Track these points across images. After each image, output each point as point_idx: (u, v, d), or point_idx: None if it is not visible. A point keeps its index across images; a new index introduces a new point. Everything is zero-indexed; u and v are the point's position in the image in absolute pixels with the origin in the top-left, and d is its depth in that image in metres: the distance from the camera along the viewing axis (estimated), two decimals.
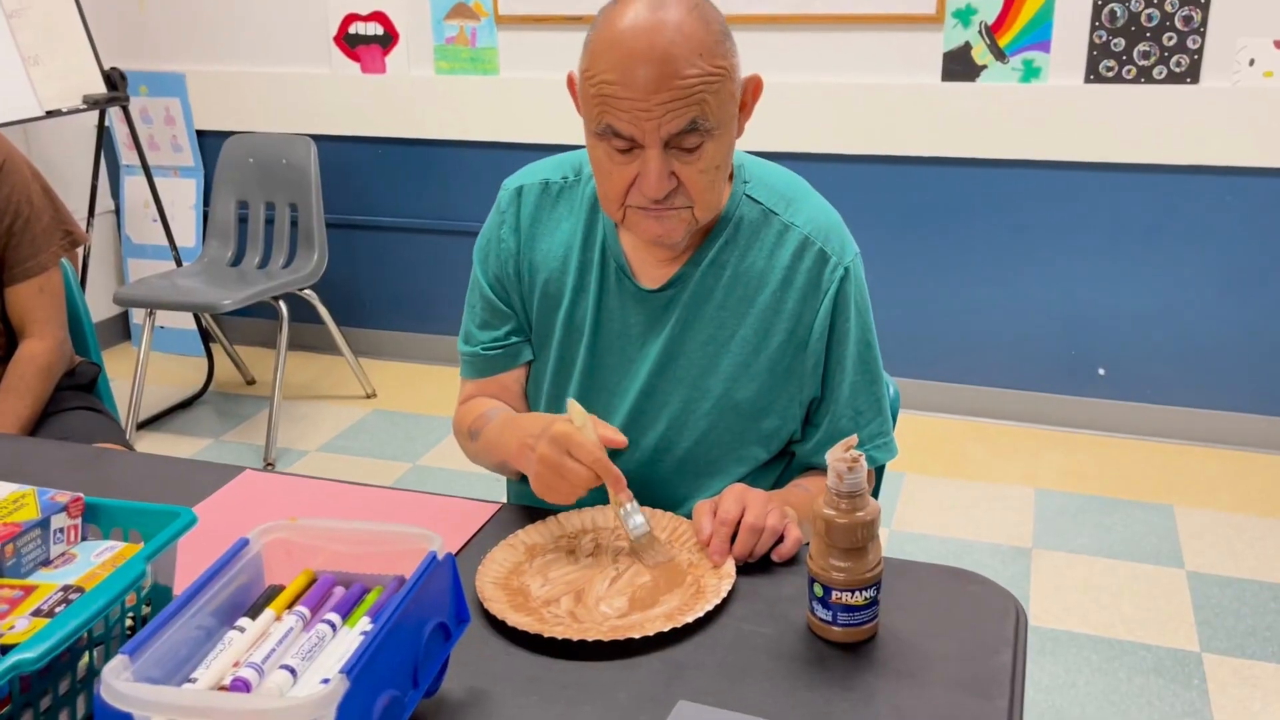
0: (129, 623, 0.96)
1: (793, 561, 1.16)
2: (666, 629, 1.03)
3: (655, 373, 1.32)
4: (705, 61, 1.13)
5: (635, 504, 1.17)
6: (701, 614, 1.05)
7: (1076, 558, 2.63)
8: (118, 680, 0.78)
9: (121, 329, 4.21)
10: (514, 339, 1.39)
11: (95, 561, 1.01)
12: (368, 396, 3.66)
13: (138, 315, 4.08)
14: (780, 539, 1.16)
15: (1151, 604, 2.44)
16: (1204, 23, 2.88)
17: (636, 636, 1.02)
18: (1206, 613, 2.41)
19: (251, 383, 3.83)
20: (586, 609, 1.09)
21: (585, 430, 1.15)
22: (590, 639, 1.02)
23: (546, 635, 1.02)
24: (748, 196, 1.31)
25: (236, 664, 0.86)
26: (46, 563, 1.01)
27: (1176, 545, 2.68)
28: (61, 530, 1.03)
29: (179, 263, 3.67)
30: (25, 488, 1.05)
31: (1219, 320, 3.11)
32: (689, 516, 1.22)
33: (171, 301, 3.29)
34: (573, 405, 1.18)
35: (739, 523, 1.15)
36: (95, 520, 1.06)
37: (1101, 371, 3.25)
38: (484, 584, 1.10)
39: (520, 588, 1.12)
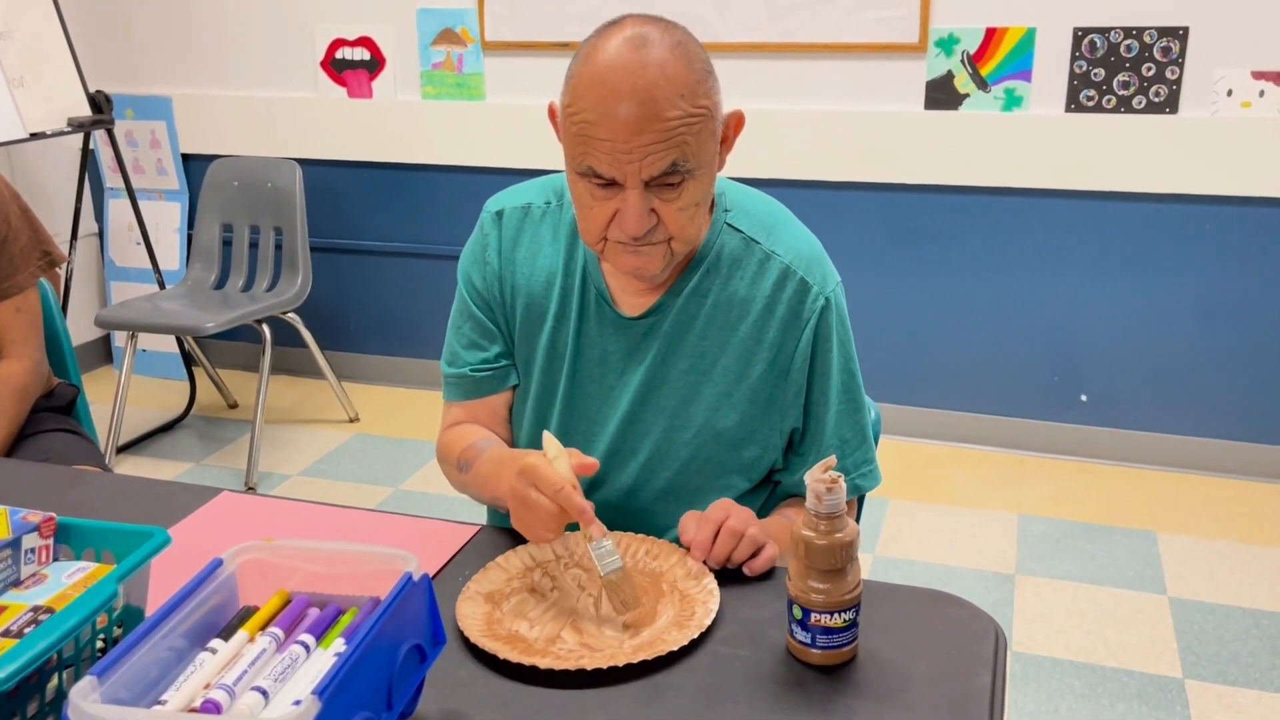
0: (100, 644, 0.95)
1: (772, 584, 1.16)
2: (695, 635, 1.03)
3: (637, 402, 1.32)
4: (687, 102, 1.12)
5: (609, 540, 1.10)
6: (715, 611, 1.07)
7: (1059, 583, 2.63)
8: (85, 701, 0.76)
9: (103, 352, 4.19)
10: (503, 361, 1.38)
11: (67, 582, 0.99)
12: (351, 420, 3.64)
13: (119, 338, 4.06)
14: (757, 552, 1.17)
15: (1134, 630, 2.44)
16: (1182, 54, 2.91)
17: (675, 648, 1.02)
18: (1189, 638, 2.41)
19: (234, 406, 3.81)
20: (595, 637, 1.07)
21: (558, 463, 1.11)
22: (636, 660, 1.00)
23: (591, 669, 0.99)
24: (729, 225, 1.31)
25: (208, 686, 0.85)
26: (17, 583, 1.00)
27: (1159, 571, 2.68)
28: (33, 550, 1.01)
29: (162, 285, 3.66)
30: None
31: (1200, 347, 3.13)
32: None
33: (153, 324, 3.27)
34: (547, 438, 1.15)
35: (721, 527, 1.16)
36: (68, 541, 1.05)
37: (1084, 398, 3.26)
38: (479, 639, 1.05)
39: (510, 636, 1.08)
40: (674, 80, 1.11)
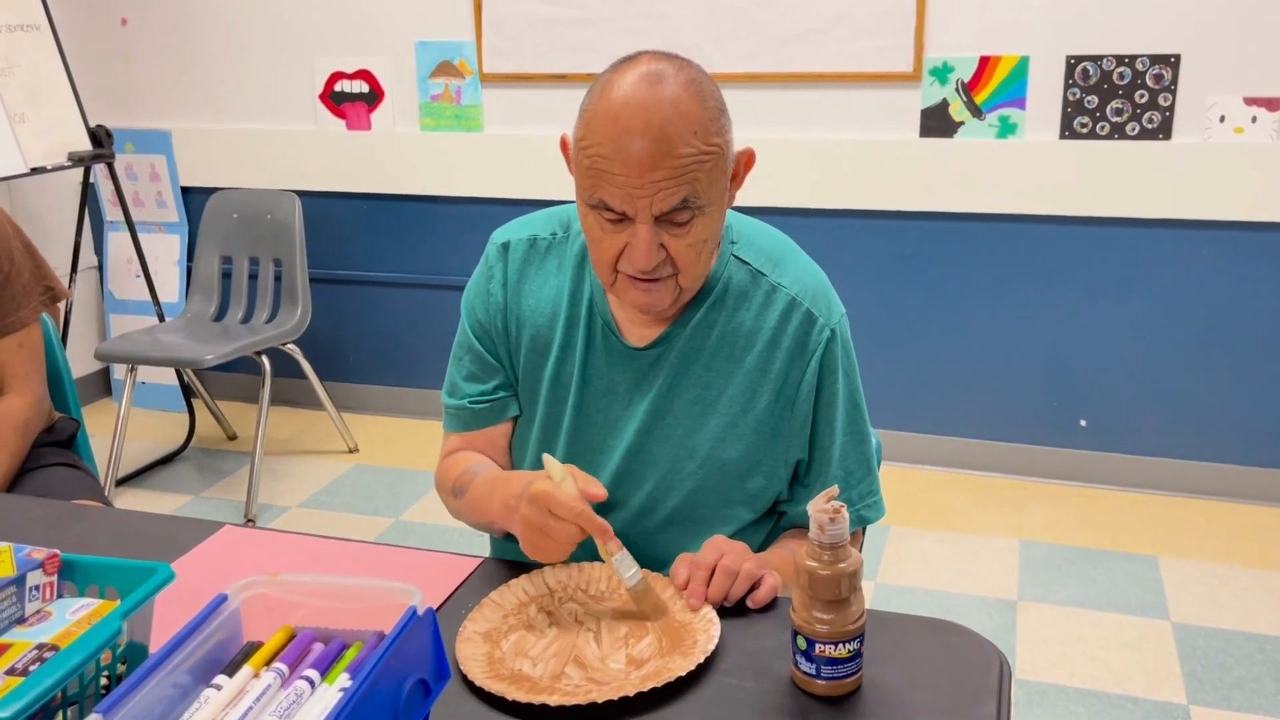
0: (104, 681, 0.95)
1: (775, 615, 1.16)
2: (701, 660, 1.04)
3: (642, 431, 1.32)
4: (700, 140, 1.13)
5: (626, 553, 1.15)
6: (716, 638, 1.07)
7: (1062, 609, 2.63)
8: None
9: (103, 385, 4.19)
10: (501, 393, 1.39)
11: (71, 619, 0.99)
12: (350, 451, 3.64)
13: (119, 371, 4.06)
14: (756, 586, 1.17)
15: (1138, 656, 2.44)
16: (1174, 80, 2.94)
17: (684, 674, 1.02)
18: (1193, 664, 2.40)
19: (233, 438, 3.81)
20: (600, 670, 1.07)
21: (565, 485, 1.13)
22: (646, 689, 1.01)
23: (602, 701, 1.00)
24: (735, 257, 1.32)
25: None
26: (21, 620, 1.00)
27: (1161, 596, 2.67)
28: (37, 587, 1.01)
29: (161, 318, 3.66)
30: (0, 544, 1.04)
31: (1197, 371, 3.13)
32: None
33: (153, 357, 3.28)
34: (549, 461, 1.16)
35: (715, 568, 1.16)
36: (71, 577, 1.05)
37: (1083, 423, 3.26)
38: (484, 681, 1.05)
39: (514, 675, 1.07)
40: (687, 118, 1.13)
